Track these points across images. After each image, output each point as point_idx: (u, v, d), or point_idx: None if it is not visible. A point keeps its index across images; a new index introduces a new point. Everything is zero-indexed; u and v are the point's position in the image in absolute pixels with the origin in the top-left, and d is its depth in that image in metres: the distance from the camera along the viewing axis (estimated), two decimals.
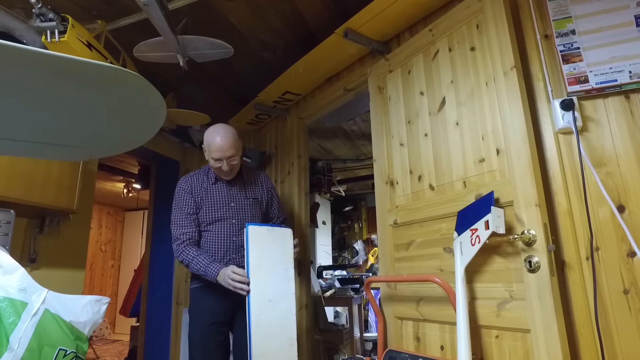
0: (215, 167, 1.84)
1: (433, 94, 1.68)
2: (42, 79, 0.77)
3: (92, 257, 6.24)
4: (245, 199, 1.94)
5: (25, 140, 0.90)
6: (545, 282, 1.18)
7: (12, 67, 0.72)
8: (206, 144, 1.84)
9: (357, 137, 3.91)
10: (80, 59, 0.72)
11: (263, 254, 1.71)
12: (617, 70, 1.32)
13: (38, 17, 1.60)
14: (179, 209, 1.87)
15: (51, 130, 0.91)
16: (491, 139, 1.42)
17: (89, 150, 0.97)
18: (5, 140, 0.88)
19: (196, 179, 1.93)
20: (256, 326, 1.59)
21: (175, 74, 2.34)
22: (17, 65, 0.72)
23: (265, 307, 1.64)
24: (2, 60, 0.69)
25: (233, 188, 1.94)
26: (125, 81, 0.80)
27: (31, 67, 0.73)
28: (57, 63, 0.71)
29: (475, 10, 1.54)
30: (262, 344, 1.58)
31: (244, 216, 1.91)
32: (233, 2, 1.98)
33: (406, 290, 1.67)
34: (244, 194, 1.95)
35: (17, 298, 1.23)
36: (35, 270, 2.22)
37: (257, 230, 1.74)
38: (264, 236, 1.75)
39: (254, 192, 1.99)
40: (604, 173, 1.26)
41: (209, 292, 1.81)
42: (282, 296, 1.70)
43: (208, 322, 1.80)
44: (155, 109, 0.90)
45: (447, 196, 1.55)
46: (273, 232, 1.79)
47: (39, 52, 0.68)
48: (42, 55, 0.69)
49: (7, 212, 1.53)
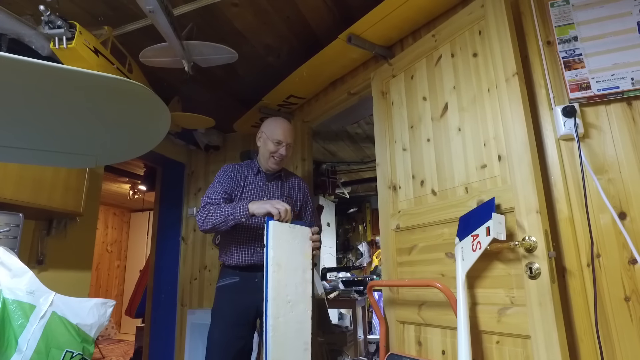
0: (272, 150, 1.87)
1: (436, 100, 1.69)
2: (51, 90, 0.79)
3: (99, 257, 6.30)
4: (280, 195, 1.93)
5: (33, 148, 0.93)
6: (546, 288, 1.18)
7: (22, 79, 0.74)
8: (267, 130, 1.91)
9: (361, 140, 3.92)
10: (87, 72, 0.74)
11: (283, 252, 1.64)
12: (619, 77, 1.32)
13: (47, 24, 1.63)
14: (213, 186, 1.86)
15: (59, 139, 0.93)
16: (493, 145, 1.42)
17: (95, 158, 0.99)
18: (15, 149, 0.90)
19: (238, 167, 1.96)
20: (274, 329, 1.53)
21: (180, 78, 2.38)
22: (27, 77, 0.74)
23: (284, 308, 1.58)
24: (13, 72, 0.71)
25: (270, 183, 1.95)
26: (131, 92, 0.82)
27: (40, 78, 0.75)
28: (65, 75, 0.73)
29: (478, 17, 1.55)
30: (278, 348, 1.53)
31: None
32: (238, 8, 2.00)
33: (408, 295, 1.68)
34: (279, 190, 1.95)
35: (26, 301, 1.26)
36: (42, 271, 2.26)
37: (279, 226, 1.65)
38: (285, 233, 1.67)
39: (290, 191, 1.99)
40: (605, 180, 1.27)
41: (234, 290, 1.80)
42: (300, 298, 1.64)
43: (230, 323, 1.77)
44: (160, 117, 0.92)
45: (449, 201, 1.56)
46: (294, 230, 1.71)
47: (48, 66, 0.70)
48: (51, 68, 0.71)
49: (16, 215, 1.56)
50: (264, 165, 1.94)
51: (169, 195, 3.59)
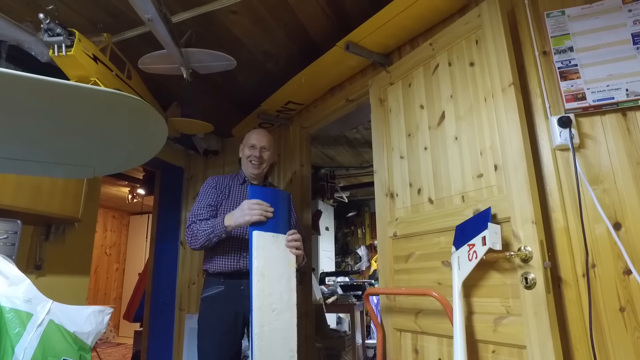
0: (247, 154, 1.96)
1: (433, 108, 1.70)
2: (49, 103, 0.80)
3: (97, 260, 6.30)
4: None
5: (32, 160, 0.93)
6: (541, 298, 1.19)
7: (20, 93, 0.75)
8: (244, 139, 2.03)
9: (359, 145, 3.93)
10: (85, 86, 0.75)
11: (267, 261, 1.67)
12: (614, 87, 1.33)
13: (46, 32, 1.64)
14: (198, 201, 1.91)
15: (56, 150, 0.94)
16: (489, 154, 1.43)
17: (93, 168, 0.99)
18: (12, 161, 0.91)
19: (223, 178, 2.02)
20: (260, 338, 1.56)
21: (179, 84, 2.38)
22: (25, 91, 0.75)
23: (269, 317, 1.61)
24: (11, 86, 0.72)
25: None
26: (128, 104, 0.83)
27: (38, 92, 0.76)
28: (63, 89, 0.74)
29: (475, 26, 1.56)
30: (264, 357, 1.55)
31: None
32: (236, 15, 2.01)
33: (405, 303, 1.69)
34: None
35: (23, 309, 1.26)
36: (40, 277, 2.26)
37: (263, 236, 1.68)
38: (268, 243, 1.70)
39: None
40: (600, 190, 1.27)
41: (220, 300, 1.81)
42: (285, 306, 1.67)
43: (220, 333, 1.78)
44: (156, 129, 0.92)
45: (445, 210, 1.56)
46: (277, 239, 1.74)
47: (46, 80, 0.71)
48: (49, 83, 0.72)
49: (13, 222, 1.57)
50: (248, 174, 2.01)
51: (167, 200, 3.59)
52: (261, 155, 1.96)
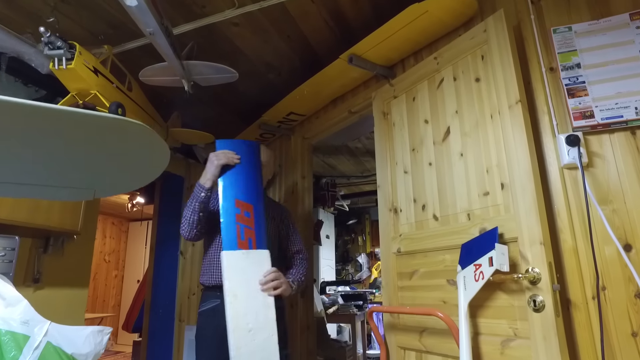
0: None
1: (437, 123, 1.68)
2: (48, 128, 0.77)
3: (96, 267, 6.25)
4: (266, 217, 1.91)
5: (32, 184, 0.91)
6: (550, 322, 1.16)
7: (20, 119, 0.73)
8: None
9: (361, 154, 3.91)
10: (86, 112, 0.72)
11: (240, 281, 1.60)
12: (623, 106, 1.31)
13: (47, 45, 1.62)
14: None
15: (57, 174, 0.91)
16: (496, 172, 1.41)
17: (93, 191, 0.97)
18: (12, 185, 0.89)
19: None
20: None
21: (180, 94, 2.36)
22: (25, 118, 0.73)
23: (245, 338, 1.53)
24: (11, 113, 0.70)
25: None
26: (130, 129, 0.80)
27: (39, 119, 0.74)
28: (63, 115, 0.72)
29: (480, 41, 1.54)
30: None
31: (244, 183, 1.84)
32: (238, 27, 1.99)
33: (409, 320, 1.66)
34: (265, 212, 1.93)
35: (19, 331, 1.23)
36: (39, 290, 2.23)
37: (232, 255, 1.63)
38: (240, 261, 1.64)
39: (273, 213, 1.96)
40: (610, 210, 1.25)
41: (215, 314, 1.78)
42: (262, 325, 1.58)
43: (216, 347, 1.71)
44: (158, 153, 0.90)
45: (451, 227, 1.54)
46: (249, 255, 1.66)
47: (47, 108, 0.69)
48: (49, 110, 0.70)
49: (11, 238, 1.54)
50: None
51: (167, 209, 3.57)
52: None
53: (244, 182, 1.75)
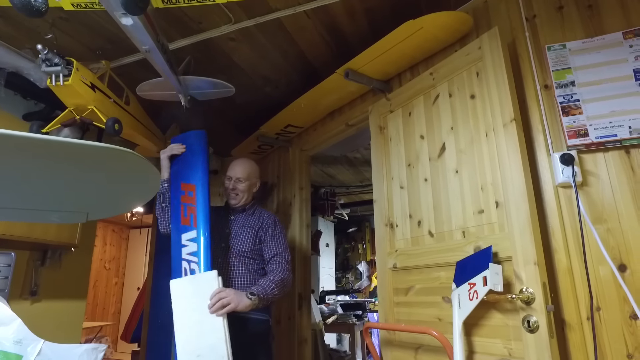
0: (226, 186, 2.05)
1: (433, 139, 1.68)
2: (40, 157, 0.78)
3: (96, 274, 6.25)
4: (242, 227, 1.97)
5: (26, 208, 0.92)
6: (544, 343, 1.15)
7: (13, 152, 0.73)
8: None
9: (360, 164, 3.91)
10: (78, 142, 0.73)
11: (187, 308, 1.62)
12: (617, 124, 1.31)
13: (44, 61, 1.63)
14: None
15: (51, 199, 0.92)
16: (490, 190, 1.41)
17: (86, 214, 0.98)
18: (6, 210, 0.89)
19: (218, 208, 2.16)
20: None
21: (178, 106, 2.37)
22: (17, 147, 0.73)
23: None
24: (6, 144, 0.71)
25: (233, 217, 2.03)
26: (121, 158, 0.81)
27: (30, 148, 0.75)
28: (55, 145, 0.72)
29: (475, 58, 1.55)
30: None
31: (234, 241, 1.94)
32: (235, 42, 2.00)
33: (405, 337, 1.65)
34: (241, 222, 2.00)
35: (12, 351, 1.22)
36: (36, 302, 2.22)
37: (178, 284, 1.69)
38: (185, 288, 1.67)
39: (252, 221, 1.99)
40: (604, 230, 1.25)
41: None
42: (211, 349, 1.53)
43: None
44: (149, 177, 0.90)
45: (446, 244, 1.53)
46: (195, 280, 1.68)
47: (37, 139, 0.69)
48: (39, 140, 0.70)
49: (7, 255, 1.55)
50: (229, 202, 2.06)
51: None
52: (235, 187, 2.00)
53: (188, 167, 1.93)
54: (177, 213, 1.88)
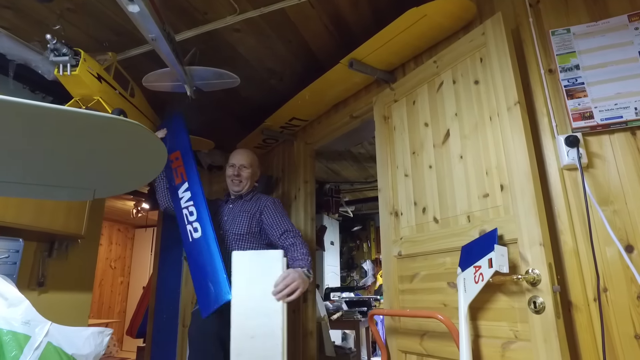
0: (229, 174, 2.11)
1: (437, 126, 1.68)
2: (48, 127, 0.79)
3: (102, 273, 6.29)
4: (239, 213, 2.03)
5: (33, 183, 0.93)
6: (551, 324, 1.15)
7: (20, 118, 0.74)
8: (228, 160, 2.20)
9: (364, 160, 3.91)
10: (84, 112, 0.74)
11: (248, 284, 1.55)
12: (622, 106, 1.30)
13: (52, 51, 1.65)
14: None
15: (57, 174, 0.93)
16: (495, 174, 1.40)
17: (93, 191, 0.98)
18: (13, 184, 0.90)
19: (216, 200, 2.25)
20: None
21: (183, 100, 2.39)
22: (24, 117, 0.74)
23: (246, 344, 1.47)
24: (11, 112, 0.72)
25: (232, 205, 2.10)
26: (128, 130, 0.82)
27: (38, 118, 0.76)
28: (63, 115, 0.73)
29: (479, 44, 1.55)
30: None
31: (231, 227, 2.00)
32: (240, 33, 2.02)
33: (410, 324, 1.65)
34: (239, 208, 2.06)
35: (21, 331, 1.24)
36: (43, 293, 2.24)
37: (241, 256, 1.60)
38: (249, 262, 1.60)
39: (249, 206, 2.05)
40: (610, 211, 1.24)
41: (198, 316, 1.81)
42: (267, 332, 1.50)
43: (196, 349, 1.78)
44: (156, 152, 0.91)
45: (451, 230, 1.53)
46: (259, 257, 1.63)
47: (46, 107, 0.70)
48: (49, 110, 0.71)
49: (15, 241, 1.56)
50: (231, 191, 2.15)
51: (172, 215, 3.58)
52: (239, 173, 2.08)
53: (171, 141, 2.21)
54: (170, 175, 2.14)
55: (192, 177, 2.05)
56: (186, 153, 2.13)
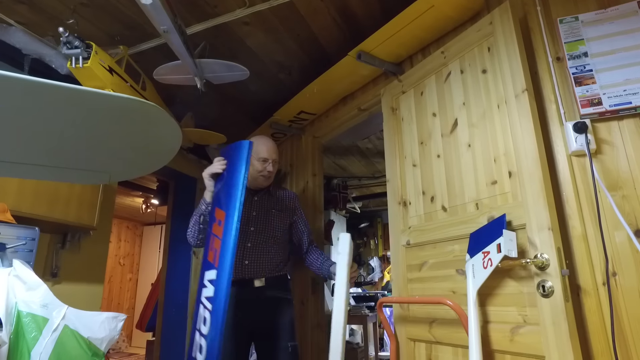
0: (259, 169, 1.96)
1: (445, 116, 1.69)
2: (66, 109, 0.82)
3: (111, 270, 6.36)
4: (268, 209, 2.01)
5: (49, 165, 0.95)
6: (560, 307, 1.16)
7: (40, 99, 0.77)
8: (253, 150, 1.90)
9: (372, 155, 3.92)
10: (102, 92, 0.77)
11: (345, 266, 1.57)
12: (631, 92, 1.31)
13: (65, 44, 1.69)
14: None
15: (74, 156, 0.96)
16: (503, 161, 1.41)
17: (109, 174, 1.01)
18: (31, 166, 0.93)
19: None
20: None
21: (193, 95, 2.42)
22: (44, 97, 0.77)
23: None
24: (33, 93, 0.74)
25: (257, 198, 2.03)
26: (143, 110, 0.84)
27: (57, 99, 0.78)
28: (81, 96, 0.76)
29: (487, 34, 1.56)
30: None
31: (265, 225, 1.97)
32: (249, 27, 2.05)
33: (419, 312, 1.66)
34: (268, 204, 2.03)
35: (39, 314, 1.28)
36: (56, 284, 2.29)
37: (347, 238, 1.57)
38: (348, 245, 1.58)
39: (279, 204, 2.06)
40: (619, 196, 1.24)
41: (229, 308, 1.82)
42: None
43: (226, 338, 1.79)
44: (170, 134, 0.94)
45: (459, 218, 1.54)
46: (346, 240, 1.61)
47: (64, 87, 0.73)
48: (66, 89, 0.74)
49: (32, 229, 1.60)
50: (252, 183, 2.00)
51: (180, 210, 3.62)
52: (273, 168, 2.00)
53: (224, 189, 1.68)
54: (207, 245, 1.68)
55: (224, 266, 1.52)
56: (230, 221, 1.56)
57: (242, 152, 1.71)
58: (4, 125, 0.81)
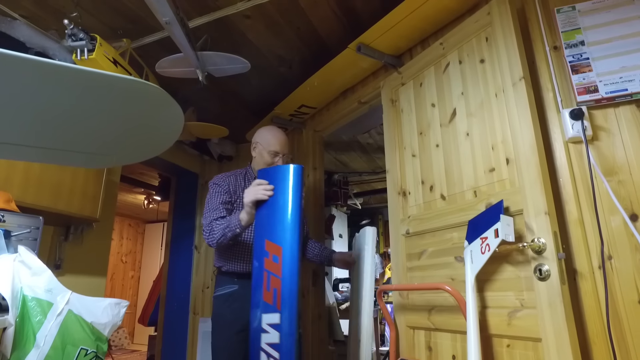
0: (269, 162, 1.87)
1: (444, 106, 1.71)
2: (71, 91, 0.84)
3: (113, 267, 6.39)
4: None
5: (53, 147, 0.98)
6: (556, 290, 1.17)
7: (45, 80, 0.79)
8: (263, 140, 1.91)
9: (372, 150, 3.94)
10: (106, 73, 0.79)
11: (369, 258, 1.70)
12: (627, 79, 1.32)
13: (70, 36, 1.72)
14: (211, 200, 1.84)
15: (78, 138, 0.98)
16: (501, 148, 1.43)
17: (112, 157, 1.03)
18: (34, 148, 0.95)
19: (233, 177, 1.95)
20: None
21: (195, 89, 2.45)
22: (49, 79, 0.79)
23: None
24: (38, 74, 0.76)
25: None
26: (147, 93, 0.86)
27: (62, 80, 0.80)
28: (85, 77, 0.78)
29: (485, 24, 1.58)
30: None
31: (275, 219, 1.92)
32: (250, 20, 2.07)
33: (418, 300, 1.68)
34: None
35: (44, 298, 1.30)
36: (60, 276, 2.29)
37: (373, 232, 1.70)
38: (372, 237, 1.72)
39: None
40: (615, 182, 1.26)
41: (234, 299, 1.82)
42: None
43: (234, 331, 1.77)
44: (173, 117, 0.96)
45: (458, 205, 1.56)
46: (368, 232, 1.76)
47: (69, 68, 0.75)
48: (72, 70, 0.76)
49: (36, 218, 1.62)
50: None
51: (182, 205, 3.65)
52: (284, 162, 1.90)
53: (275, 218, 1.53)
54: (259, 282, 1.51)
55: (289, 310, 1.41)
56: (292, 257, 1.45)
57: (296, 178, 1.59)
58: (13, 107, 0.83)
